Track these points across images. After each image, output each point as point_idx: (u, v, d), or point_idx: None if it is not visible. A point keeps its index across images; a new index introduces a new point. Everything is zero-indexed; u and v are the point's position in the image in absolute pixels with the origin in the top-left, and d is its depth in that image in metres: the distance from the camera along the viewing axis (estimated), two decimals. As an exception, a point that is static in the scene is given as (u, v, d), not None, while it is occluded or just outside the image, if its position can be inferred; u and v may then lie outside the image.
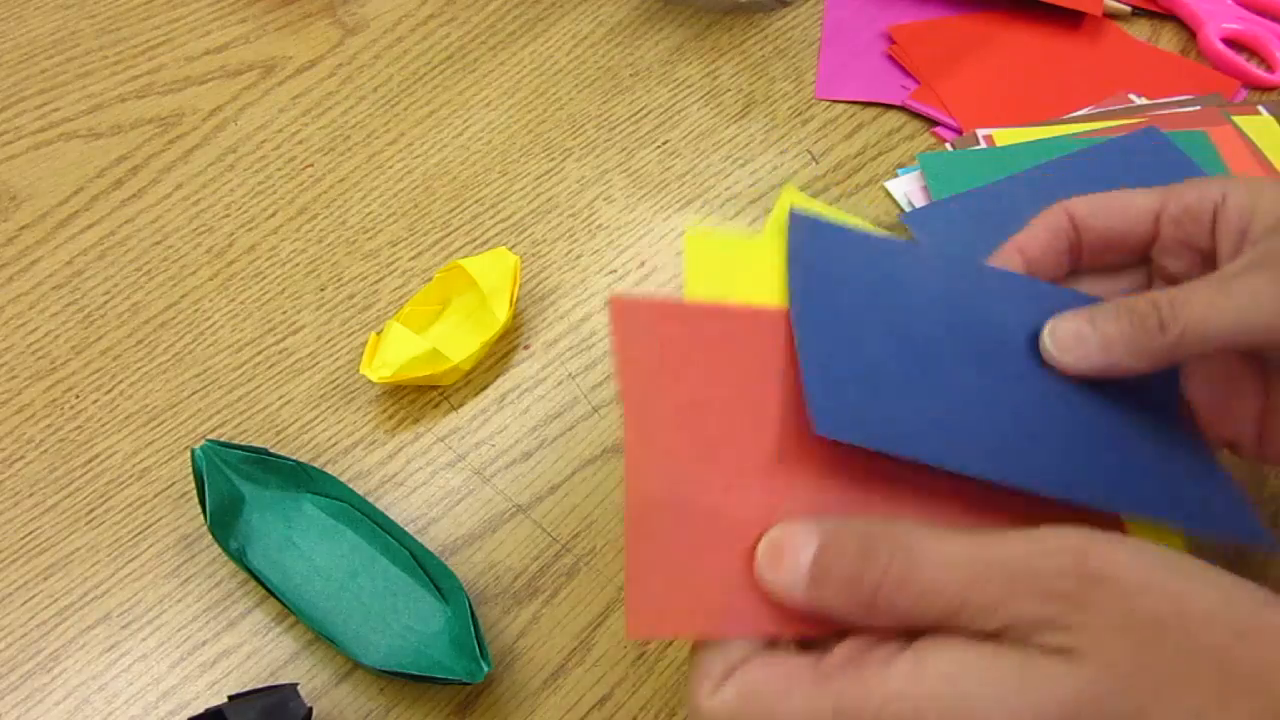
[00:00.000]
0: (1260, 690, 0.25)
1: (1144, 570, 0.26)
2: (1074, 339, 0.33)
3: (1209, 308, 0.32)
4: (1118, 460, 0.33)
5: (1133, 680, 0.25)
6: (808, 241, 0.34)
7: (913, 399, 0.32)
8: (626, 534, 0.33)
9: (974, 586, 0.26)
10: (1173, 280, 0.37)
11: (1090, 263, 0.38)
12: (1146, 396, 0.35)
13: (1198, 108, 0.55)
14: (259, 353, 0.47)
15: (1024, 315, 0.35)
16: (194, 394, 0.46)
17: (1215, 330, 0.32)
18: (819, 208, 0.36)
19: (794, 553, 0.29)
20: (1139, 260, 0.38)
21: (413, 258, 0.50)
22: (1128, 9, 0.62)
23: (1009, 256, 0.37)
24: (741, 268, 0.35)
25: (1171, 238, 0.36)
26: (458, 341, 0.46)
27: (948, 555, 0.27)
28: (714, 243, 0.35)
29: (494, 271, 0.46)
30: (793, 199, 0.36)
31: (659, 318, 0.33)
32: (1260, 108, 0.55)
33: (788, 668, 0.27)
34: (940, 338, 0.34)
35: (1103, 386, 0.34)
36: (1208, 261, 0.36)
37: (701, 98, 0.57)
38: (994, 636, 0.26)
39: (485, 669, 0.36)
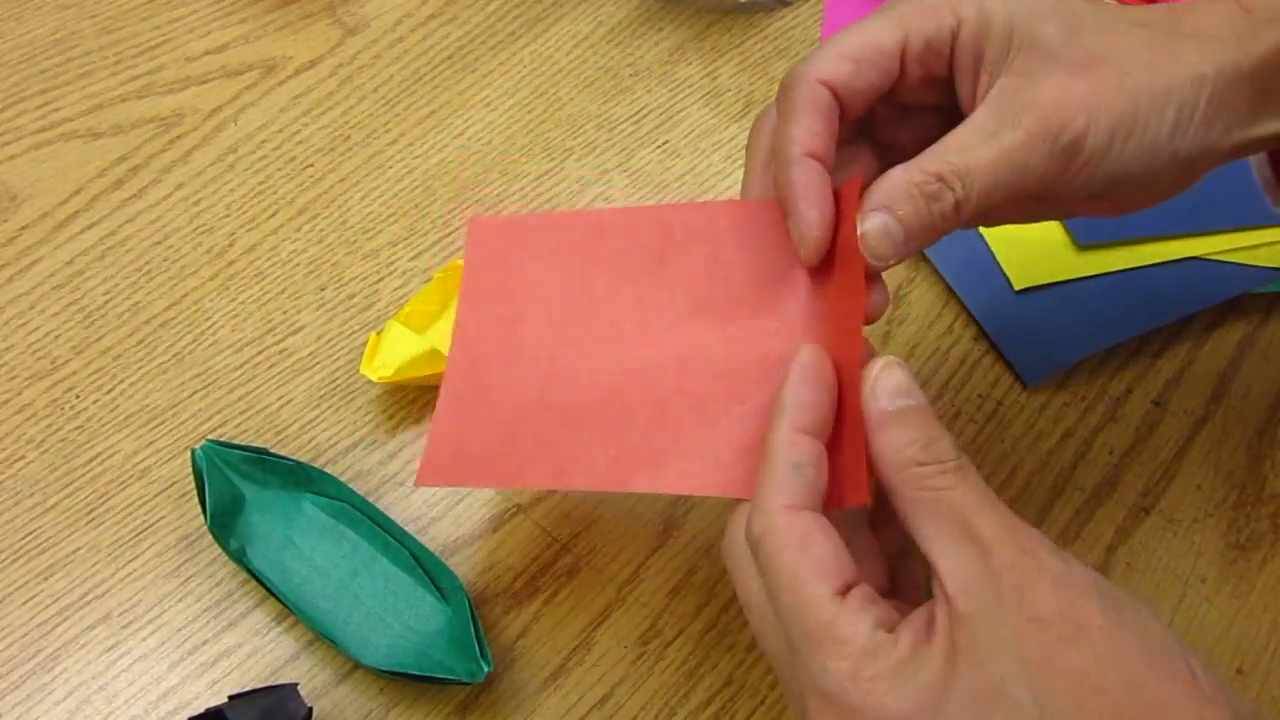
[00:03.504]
0: None
1: (1063, 594, 0.26)
2: (883, 237, 0.31)
3: (992, 178, 0.31)
4: None
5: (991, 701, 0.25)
6: None
7: None
8: (440, 396, 0.37)
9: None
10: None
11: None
12: None
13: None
14: (259, 353, 0.47)
15: None
16: (194, 394, 0.46)
17: (996, 198, 0.31)
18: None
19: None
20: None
21: (413, 258, 0.50)
22: (1128, 9, 0.62)
23: (809, 167, 0.32)
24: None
25: (915, 77, 0.33)
26: (458, 341, 0.46)
27: None
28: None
29: (494, 271, 0.46)
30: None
31: (509, 233, 0.38)
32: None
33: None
34: None
35: None
36: (947, 89, 0.34)
37: (701, 98, 0.57)
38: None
39: (485, 669, 0.37)
